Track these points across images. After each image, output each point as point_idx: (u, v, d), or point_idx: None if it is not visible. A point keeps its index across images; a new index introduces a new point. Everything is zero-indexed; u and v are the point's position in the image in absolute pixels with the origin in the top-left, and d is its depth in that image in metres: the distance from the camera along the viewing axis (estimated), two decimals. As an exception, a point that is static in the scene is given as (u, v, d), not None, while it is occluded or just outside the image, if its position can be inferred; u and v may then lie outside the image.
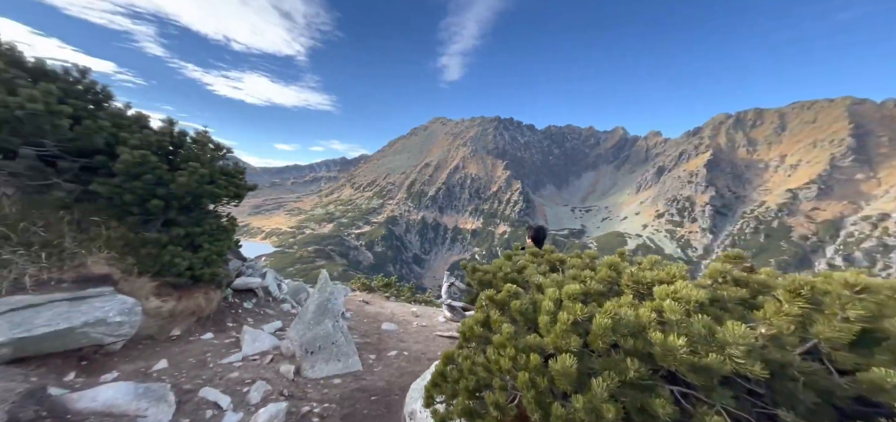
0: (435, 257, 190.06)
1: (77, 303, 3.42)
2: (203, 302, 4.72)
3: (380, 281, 12.45)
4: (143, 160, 3.92)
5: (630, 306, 2.03)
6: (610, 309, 1.92)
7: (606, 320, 1.88)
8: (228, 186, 5.30)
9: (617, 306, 2.02)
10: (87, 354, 3.33)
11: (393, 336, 7.34)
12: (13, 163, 3.43)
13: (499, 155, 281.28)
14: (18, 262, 3.27)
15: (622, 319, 1.86)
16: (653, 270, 2.31)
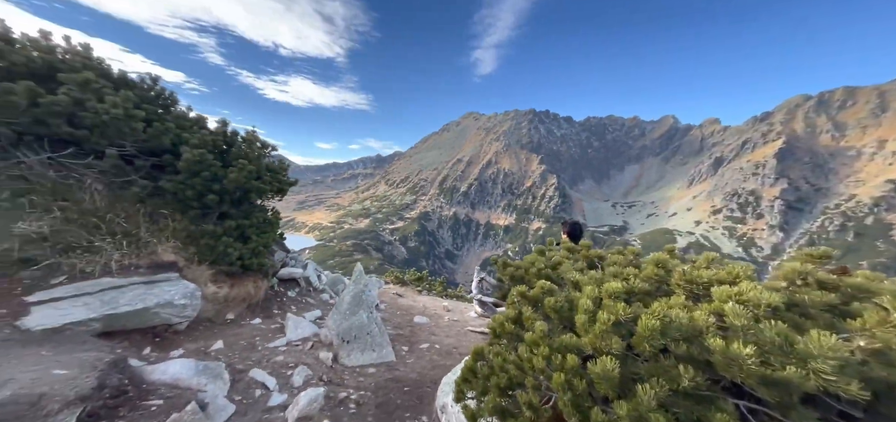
0: (467, 253, 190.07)
1: (151, 286, 3.86)
2: (252, 290, 5.11)
3: (412, 275, 12.70)
4: (201, 158, 4.31)
5: (682, 308, 1.81)
6: (658, 310, 1.73)
7: (654, 322, 1.69)
8: (273, 181, 5.67)
9: (666, 307, 1.81)
10: (160, 332, 3.75)
11: (425, 329, 7.44)
12: (102, 162, 3.95)
13: (533, 149, 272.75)
14: (107, 248, 3.76)
15: (673, 321, 1.66)
16: (710, 270, 2.04)
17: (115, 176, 4.14)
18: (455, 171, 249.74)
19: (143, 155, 4.33)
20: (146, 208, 4.33)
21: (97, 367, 2.29)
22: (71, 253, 3.57)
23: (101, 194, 4.07)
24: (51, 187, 3.73)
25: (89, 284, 3.50)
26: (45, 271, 3.39)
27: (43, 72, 3.87)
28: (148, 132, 4.20)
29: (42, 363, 2.25)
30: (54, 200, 3.70)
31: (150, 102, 4.67)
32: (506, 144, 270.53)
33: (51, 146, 3.75)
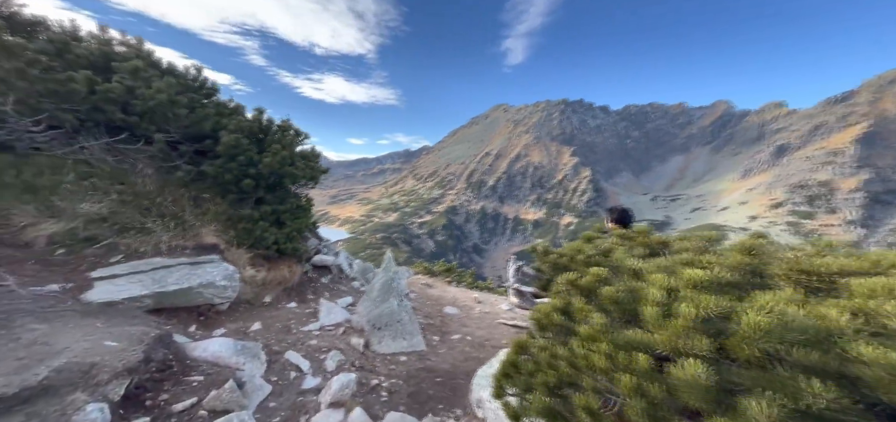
0: (495, 247, 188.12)
1: (195, 267, 4.01)
2: (287, 274, 5.21)
3: (441, 266, 12.62)
4: (236, 143, 4.41)
5: (798, 304, 1.42)
6: (769, 305, 1.36)
7: (763, 319, 1.33)
8: (305, 168, 5.73)
9: (776, 302, 1.43)
10: (204, 311, 3.89)
11: (455, 320, 7.27)
12: (151, 147, 4.15)
13: (565, 141, 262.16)
14: (157, 230, 3.96)
15: (793, 320, 1.29)
16: (833, 258, 1.61)
17: (162, 161, 4.35)
18: (483, 165, 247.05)
19: (186, 141, 4.51)
20: (190, 192, 4.52)
21: (144, 341, 2.34)
22: (126, 233, 3.79)
23: (151, 179, 4.29)
24: (109, 171, 3.97)
25: (142, 263, 3.69)
26: (106, 250, 3.62)
27: (101, 63, 4.12)
28: (190, 118, 4.35)
29: (96, 334, 2.33)
30: (112, 183, 3.94)
31: (193, 91, 4.85)
32: (536, 137, 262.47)
33: (107, 133, 3.99)
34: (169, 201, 4.26)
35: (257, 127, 5.51)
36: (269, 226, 4.99)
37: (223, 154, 4.43)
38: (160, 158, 4.33)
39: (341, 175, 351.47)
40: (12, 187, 3.27)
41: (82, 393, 1.95)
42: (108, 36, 4.71)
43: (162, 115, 4.05)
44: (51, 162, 3.58)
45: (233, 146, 4.40)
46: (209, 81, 5.68)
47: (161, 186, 4.33)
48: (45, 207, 3.39)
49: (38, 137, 3.53)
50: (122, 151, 4.10)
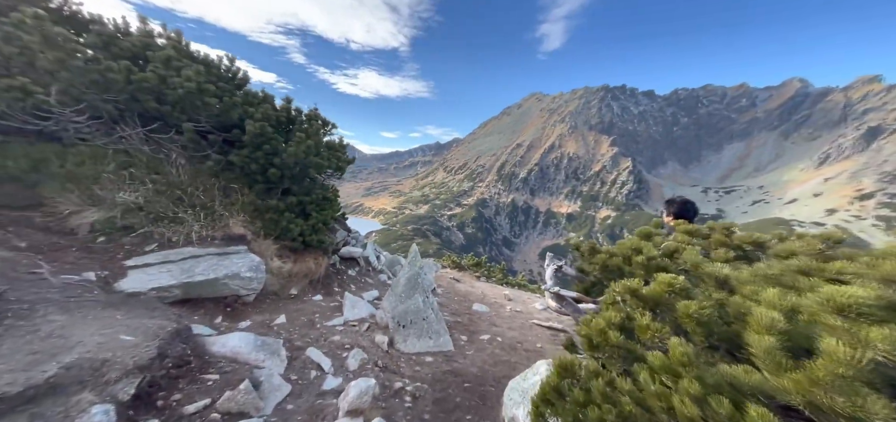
0: (526, 241, 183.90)
1: (222, 258, 4.01)
2: (313, 266, 5.13)
3: (470, 260, 12.23)
4: (261, 131, 4.32)
5: None
6: None
7: None
8: (331, 158, 5.59)
9: None
10: (230, 302, 3.87)
11: (485, 318, 6.89)
12: (182, 137, 4.19)
13: (604, 130, 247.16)
14: (188, 220, 3.99)
15: None
16: None
17: (193, 150, 4.39)
18: (514, 156, 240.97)
19: (216, 130, 4.52)
20: (220, 182, 4.54)
21: (159, 336, 2.23)
22: (160, 222, 3.85)
23: (184, 169, 4.35)
24: (146, 161, 4.05)
25: (173, 253, 3.73)
26: (141, 239, 3.70)
27: (142, 55, 4.20)
28: (219, 107, 4.33)
29: (113, 327, 2.26)
30: (148, 173, 4.02)
31: (224, 80, 4.85)
32: (572, 126, 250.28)
33: (143, 122, 4.07)
34: (200, 191, 4.29)
35: (285, 116, 5.45)
36: (295, 217, 4.91)
37: (249, 143, 4.38)
38: (191, 148, 4.37)
39: (375, 168, 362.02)
40: (58, 176, 3.40)
41: (90, 393, 1.85)
42: (148, 28, 4.82)
43: (191, 104, 4.06)
44: (93, 151, 3.70)
45: (258, 135, 4.33)
46: (241, 72, 5.71)
47: (193, 176, 4.38)
48: (87, 196, 3.50)
49: (82, 127, 3.65)
50: (157, 141, 4.18)
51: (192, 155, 4.39)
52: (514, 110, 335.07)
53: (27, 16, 3.24)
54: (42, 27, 3.28)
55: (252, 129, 4.31)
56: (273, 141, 4.54)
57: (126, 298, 2.76)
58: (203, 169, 4.38)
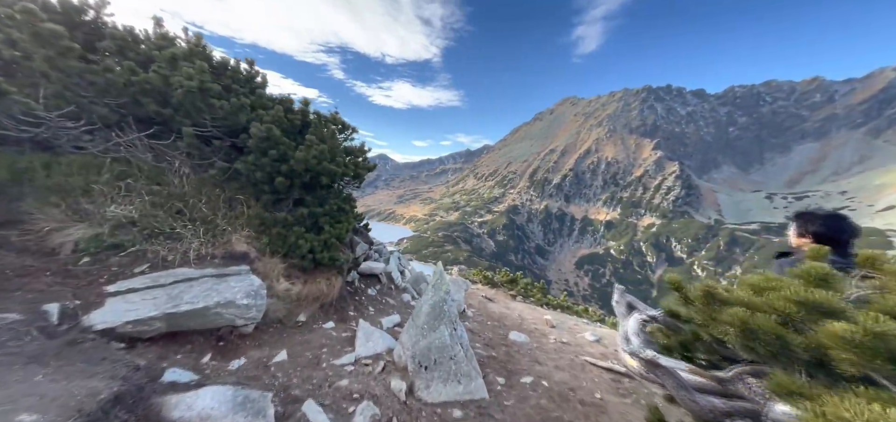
0: (560, 249, 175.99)
1: (219, 280, 3.45)
2: (325, 288, 4.48)
3: (504, 275, 11.13)
4: (268, 134, 3.76)
5: None
6: None
7: None
8: (348, 164, 4.96)
9: None
10: (225, 334, 3.28)
11: (525, 352, 5.81)
12: (183, 143, 3.75)
13: (646, 133, 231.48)
14: (187, 236, 3.50)
15: None
16: None
17: (198, 158, 3.94)
18: (547, 162, 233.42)
19: (224, 135, 4.06)
20: (224, 194, 4.05)
21: (82, 408, 1.56)
22: (155, 239, 3.38)
23: (189, 179, 3.91)
24: (147, 170, 3.64)
25: (165, 275, 3.22)
26: (133, 258, 3.25)
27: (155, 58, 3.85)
28: (225, 109, 3.85)
29: (15, 401, 1.62)
30: (149, 183, 3.60)
31: (237, 82, 4.42)
32: (610, 130, 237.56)
33: (145, 128, 3.68)
34: (202, 203, 3.82)
35: (300, 121, 4.92)
36: (305, 231, 4.30)
37: (254, 149, 3.84)
38: (196, 155, 3.94)
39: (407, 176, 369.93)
40: (43, 189, 3.03)
41: None
42: (164, 31, 4.53)
43: (192, 105, 3.61)
44: (85, 161, 3.34)
45: (264, 139, 3.78)
46: (259, 76, 5.32)
47: (197, 187, 3.93)
48: (73, 211, 3.10)
49: (78, 134, 3.29)
50: (159, 148, 3.78)
51: (197, 163, 3.95)
52: (546, 115, 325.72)
53: (17, 11, 2.97)
54: (33, 24, 2.98)
55: (257, 132, 3.76)
56: (281, 145, 3.97)
57: (65, 346, 2.20)
58: (207, 178, 3.91)
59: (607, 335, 8.14)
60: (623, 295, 3.20)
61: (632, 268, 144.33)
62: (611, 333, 8.26)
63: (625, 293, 3.19)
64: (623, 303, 3.12)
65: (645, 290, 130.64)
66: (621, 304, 3.10)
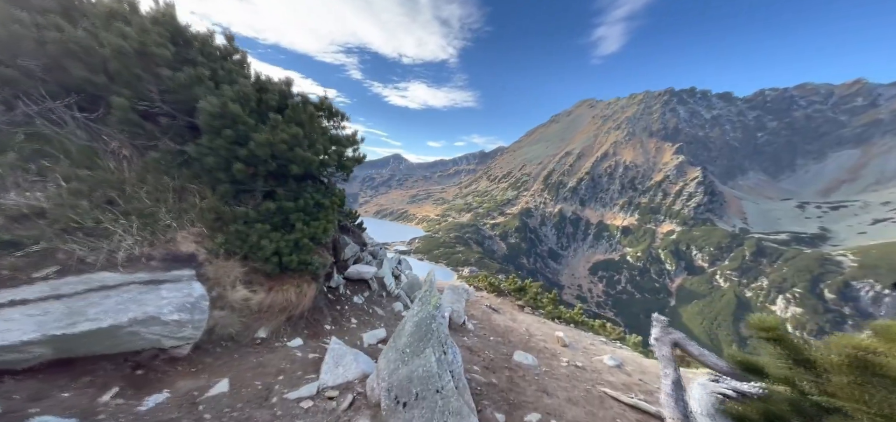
0: (574, 254, 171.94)
1: (150, 288, 2.79)
2: (294, 297, 3.78)
3: (511, 282, 10.21)
4: (222, 111, 3.09)
5: None
6: None
7: None
8: (331, 154, 4.26)
9: None
10: (147, 360, 2.61)
11: (531, 377, 4.95)
12: (116, 117, 3.11)
13: (667, 137, 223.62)
14: (117, 232, 2.87)
15: None
16: None
17: (144, 140, 3.31)
18: (563, 165, 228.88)
19: (177, 113, 3.42)
20: (175, 182, 3.42)
21: None
22: (74, 235, 2.75)
23: (133, 164, 3.29)
24: (76, 151, 3.03)
25: (72, 282, 2.58)
26: (36, 259, 2.63)
27: None
28: (177, 81, 3.21)
29: None
30: (76, 167, 2.99)
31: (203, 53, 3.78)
32: (629, 133, 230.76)
33: (88, 102, 3.07)
34: (144, 193, 3.19)
35: (277, 101, 4.25)
36: (271, 230, 3.61)
37: (205, 127, 3.19)
38: (141, 135, 3.31)
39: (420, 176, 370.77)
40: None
41: None
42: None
43: (130, 72, 2.98)
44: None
45: (217, 116, 3.11)
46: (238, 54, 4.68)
47: (142, 174, 3.30)
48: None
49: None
50: (96, 126, 3.17)
51: (143, 145, 3.33)
52: (563, 117, 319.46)
53: None
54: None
55: (209, 107, 3.10)
56: (241, 125, 3.30)
57: None
58: (151, 162, 3.28)
59: (629, 360, 7.13)
60: (666, 331, 2.34)
61: (649, 275, 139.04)
62: (634, 357, 7.24)
63: (668, 329, 2.33)
64: (667, 342, 2.27)
65: (663, 299, 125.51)
66: (664, 342, 2.25)
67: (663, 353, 2.15)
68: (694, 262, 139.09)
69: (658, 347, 2.23)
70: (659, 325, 2.35)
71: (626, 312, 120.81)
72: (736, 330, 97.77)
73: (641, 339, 9.04)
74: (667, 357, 2.10)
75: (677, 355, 2.20)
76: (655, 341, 2.35)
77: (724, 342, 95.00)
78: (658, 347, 2.23)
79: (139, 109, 3.15)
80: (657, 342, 2.28)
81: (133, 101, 3.06)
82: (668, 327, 2.36)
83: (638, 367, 6.65)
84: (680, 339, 2.25)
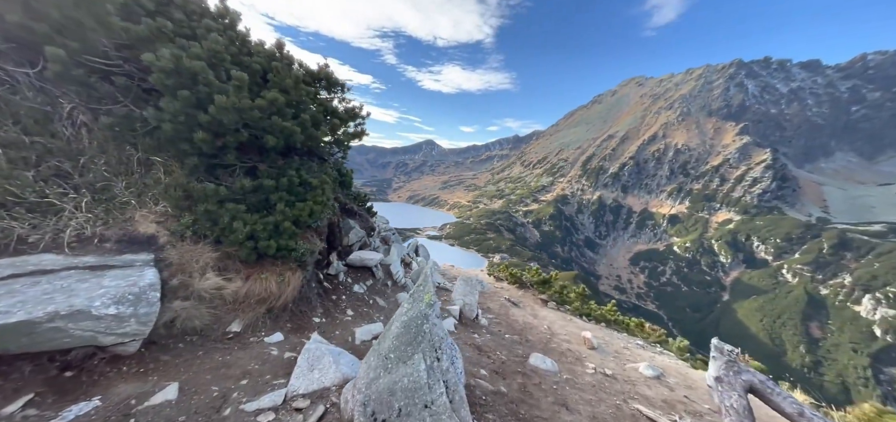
0: (613, 243, 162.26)
1: (94, 274, 2.46)
2: (274, 286, 3.35)
3: (534, 274, 9.22)
4: (175, 65, 2.61)
5: None
6: None
7: None
8: (321, 125, 3.70)
9: None
10: (78, 359, 2.27)
11: (549, 386, 4.18)
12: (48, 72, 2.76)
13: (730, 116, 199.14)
14: (66, 208, 2.56)
15: None
16: None
17: (92, 102, 2.96)
18: (604, 149, 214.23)
19: (138, 72, 3.03)
20: (140, 154, 3.06)
21: None
22: (9, 211, 2.47)
23: (93, 132, 2.97)
24: (24, 113, 2.74)
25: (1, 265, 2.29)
26: (-24, 237, 2.37)
27: None
28: (129, 33, 2.79)
29: None
30: (27, 133, 2.70)
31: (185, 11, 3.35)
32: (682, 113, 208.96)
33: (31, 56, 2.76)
34: (101, 166, 2.86)
35: (264, 63, 3.75)
36: (246, 211, 3.16)
37: (159, 87, 2.75)
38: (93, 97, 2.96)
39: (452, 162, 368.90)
40: None
41: None
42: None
43: (70, 19, 2.59)
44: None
45: (170, 73, 2.64)
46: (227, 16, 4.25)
47: (103, 144, 2.98)
48: None
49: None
50: (49, 88, 2.87)
51: (103, 110, 2.99)
52: (606, 98, 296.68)
53: None
54: None
55: (161, 61, 2.64)
56: (201, 85, 2.82)
57: None
58: (109, 130, 2.93)
59: (672, 369, 5.98)
60: (734, 368, 1.44)
61: (698, 268, 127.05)
62: (678, 366, 6.04)
63: (738, 365, 1.44)
64: (737, 385, 1.40)
65: (714, 292, 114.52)
66: (732, 385, 1.39)
67: (730, 402, 1.30)
68: (755, 254, 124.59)
69: (721, 392, 1.37)
70: (722, 357, 1.49)
71: (670, 305, 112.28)
72: (805, 330, 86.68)
73: (687, 343, 7.73)
74: (736, 410, 1.25)
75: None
76: (716, 384, 1.49)
77: (789, 344, 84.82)
78: (721, 392, 1.37)
79: (92, 65, 2.79)
80: (719, 385, 1.42)
81: (79, 56, 2.69)
82: (738, 360, 1.48)
83: (683, 379, 5.54)
84: (759, 383, 1.37)
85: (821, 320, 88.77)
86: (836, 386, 71.11)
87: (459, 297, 5.73)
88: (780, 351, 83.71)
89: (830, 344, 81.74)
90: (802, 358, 79.79)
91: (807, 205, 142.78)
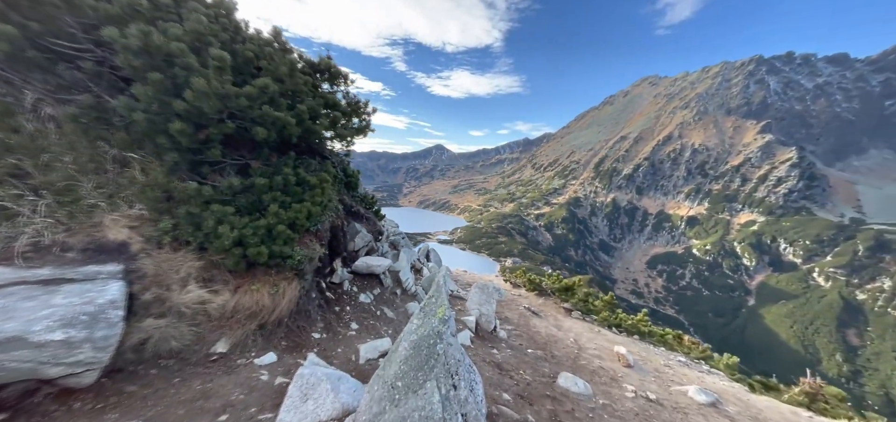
0: (629, 246, 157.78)
1: (46, 290, 2.07)
2: (267, 299, 2.91)
3: (555, 280, 8.56)
4: (144, 44, 2.22)
5: None
6: None
7: None
8: (320, 116, 3.27)
9: None
10: (12, 398, 1.86)
11: (583, 412, 3.56)
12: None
13: (750, 114, 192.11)
14: (24, 212, 2.19)
15: None
16: None
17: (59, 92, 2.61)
18: (617, 150, 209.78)
19: (107, 56, 2.66)
20: (115, 151, 2.69)
21: None
22: None
23: (59, 124, 2.61)
24: None
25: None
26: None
27: None
28: (98, 11, 2.43)
29: None
30: None
31: None
32: (699, 111, 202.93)
33: None
34: (68, 163, 2.49)
35: (255, 48, 3.37)
36: (234, 213, 2.75)
37: (128, 70, 2.37)
38: (59, 86, 2.62)
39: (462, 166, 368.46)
40: None
41: None
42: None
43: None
44: None
45: (139, 52, 2.26)
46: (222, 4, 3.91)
47: (72, 139, 2.62)
48: None
49: None
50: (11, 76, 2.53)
51: (63, 99, 2.64)
52: (618, 99, 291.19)
53: None
54: None
55: (125, 40, 2.26)
56: (181, 69, 2.43)
57: None
58: (73, 122, 2.57)
59: (729, 394, 5.14)
60: None
61: (720, 271, 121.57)
62: (733, 390, 5.19)
63: None
64: None
65: (738, 297, 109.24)
66: None
67: None
68: (782, 256, 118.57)
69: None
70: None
71: (691, 309, 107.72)
72: (841, 338, 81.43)
73: (738, 360, 6.87)
74: None
75: None
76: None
77: (824, 352, 79.84)
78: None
79: (56, 48, 2.44)
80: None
81: (41, 37, 2.34)
82: None
83: (744, 407, 4.78)
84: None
85: (859, 327, 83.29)
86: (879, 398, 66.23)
87: (475, 306, 5.18)
88: (815, 359, 78.71)
89: (871, 352, 76.44)
90: (840, 367, 74.81)
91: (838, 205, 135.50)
